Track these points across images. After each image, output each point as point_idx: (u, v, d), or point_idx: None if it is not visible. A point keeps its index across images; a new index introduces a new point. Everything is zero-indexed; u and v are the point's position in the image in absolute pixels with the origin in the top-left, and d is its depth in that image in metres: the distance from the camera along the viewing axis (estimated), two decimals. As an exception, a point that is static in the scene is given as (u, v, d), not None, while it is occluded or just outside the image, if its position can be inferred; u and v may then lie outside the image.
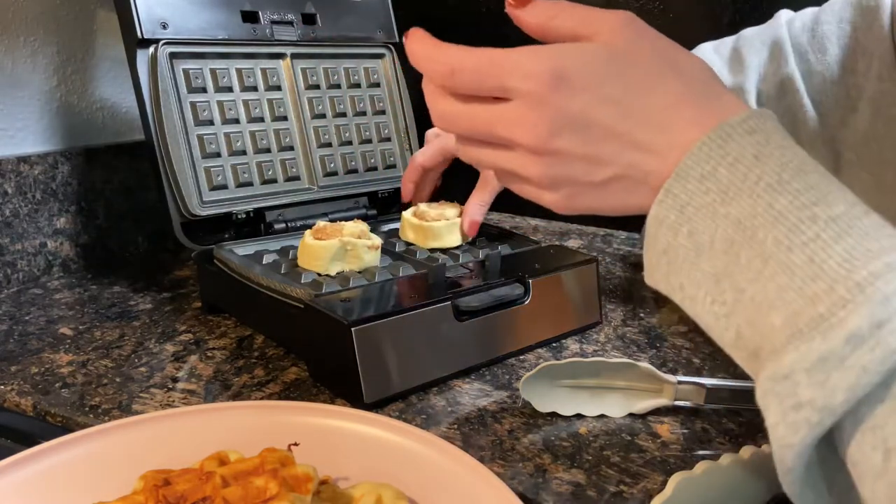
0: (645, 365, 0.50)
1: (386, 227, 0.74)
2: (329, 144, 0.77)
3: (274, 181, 0.72)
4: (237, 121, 0.70)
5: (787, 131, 0.32)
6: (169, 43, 0.66)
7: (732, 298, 0.31)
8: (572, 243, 0.94)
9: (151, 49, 0.65)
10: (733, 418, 0.50)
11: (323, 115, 0.77)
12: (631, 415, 0.51)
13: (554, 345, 0.63)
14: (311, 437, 0.42)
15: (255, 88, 0.72)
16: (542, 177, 0.36)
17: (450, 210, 0.69)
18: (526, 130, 0.35)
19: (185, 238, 0.66)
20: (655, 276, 0.35)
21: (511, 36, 0.38)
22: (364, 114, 0.80)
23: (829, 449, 0.29)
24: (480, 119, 0.37)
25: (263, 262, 0.63)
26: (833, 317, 0.27)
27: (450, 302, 0.55)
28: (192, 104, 0.67)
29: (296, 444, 0.40)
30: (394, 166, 0.81)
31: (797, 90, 0.64)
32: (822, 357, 0.27)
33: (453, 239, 0.67)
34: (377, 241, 0.62)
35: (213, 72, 0.69)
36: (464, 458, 0.40)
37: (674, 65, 0.34)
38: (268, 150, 0.72)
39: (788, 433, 0.28)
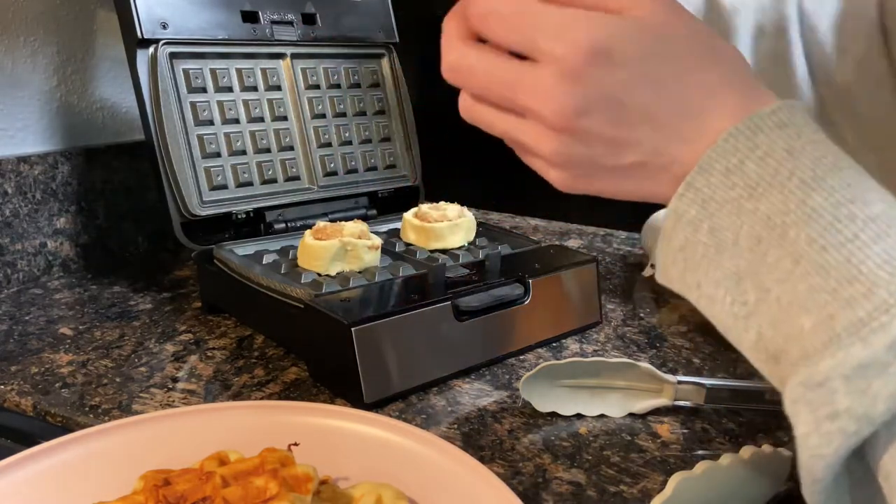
0: (645, 365, 0.50)
1: (386, 228, 0.74)
2: (329, 144, 0.77)
3: (274, 181, 0.72)
4: (237, 121, 0.70)
5: (817, 125, 0.30)
6: (169, 43, 0.66)
7: (755, 298, 0.29)
8: (572, 243, 0.93)
9: (151, 49, 0.65)
10: (733, 418, 0.50)
11: (323, 115, 0.77)
12: (631, 415, 0.51)
13: (554, 345, 0.63)
14: (311, 437, 0.42)
15: (255, 88, 0.72)
16: (555, 154, 0.33)
17: (451, 210, 0.69)
18: (550, 103, 0.31)
19: (185, 238, 0.66)
20: (670, 274, 0.33)
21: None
22: (364, 114, 0.80)
23: (857, 459, 0.28)
24: (500, 79, 0.33)
25: (263, 262, 0.63)
26: (874, 321, 0.26)
27: (450, 302, 0.55)
28: (192, 104, 0.67)
29: (296, 444, 0.40)
30: (394, 166, 0.81)
31: (792, 32, 0.60)
32: (863, 364, 0.25)
33: (456, 240, 0.67)
34: (377, 241, 0.62)
35: (213, 72, 0.69)
36: (464, 458, 0.40)
37: (712, 49, 0.32)
38: (268, 150, 0.72)
39: (822, 443, 0.26)
